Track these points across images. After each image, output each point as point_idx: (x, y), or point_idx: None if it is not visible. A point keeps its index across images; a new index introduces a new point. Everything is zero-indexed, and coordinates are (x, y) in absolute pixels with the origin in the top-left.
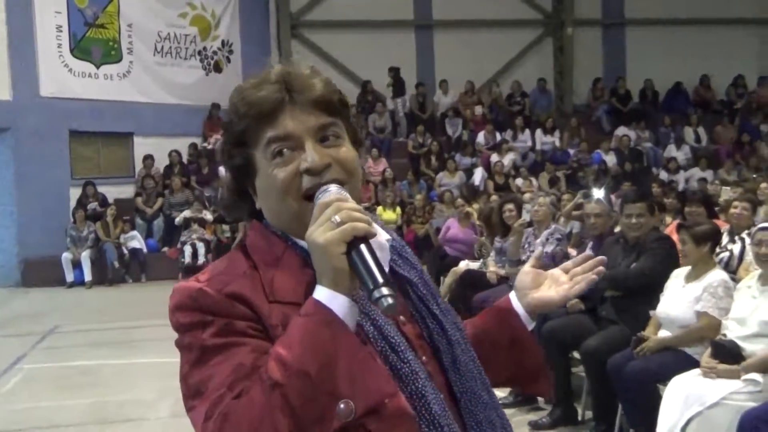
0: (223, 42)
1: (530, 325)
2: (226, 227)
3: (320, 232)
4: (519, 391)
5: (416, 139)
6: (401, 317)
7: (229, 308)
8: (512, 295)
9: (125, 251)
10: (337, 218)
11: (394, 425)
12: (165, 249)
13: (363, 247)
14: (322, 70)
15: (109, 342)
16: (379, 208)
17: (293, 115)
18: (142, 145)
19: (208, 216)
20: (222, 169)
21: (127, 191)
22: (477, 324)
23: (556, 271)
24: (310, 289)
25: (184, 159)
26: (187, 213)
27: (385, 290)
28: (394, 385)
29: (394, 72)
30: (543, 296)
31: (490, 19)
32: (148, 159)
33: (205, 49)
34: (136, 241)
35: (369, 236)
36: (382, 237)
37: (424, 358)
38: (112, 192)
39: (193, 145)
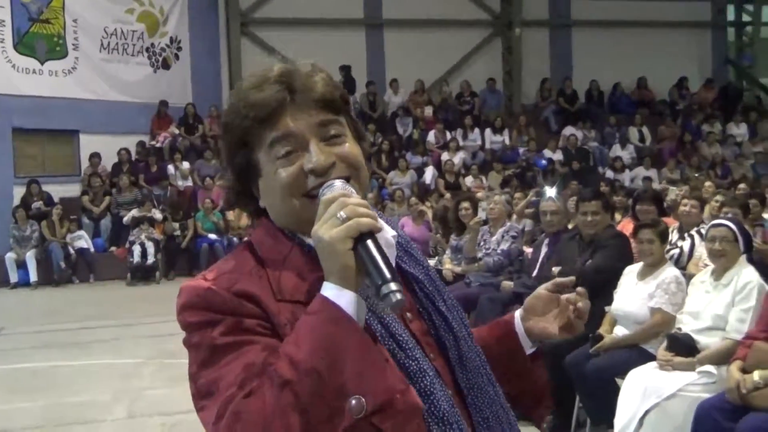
0: (171, 39)
1: (528, 348)
2: (176, 225)
3: (326, 229)
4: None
5: (367, 138)
6: (408, 314)
7: (237, 306)
8: (518, 314)
9: (72, 251)
10: (343, 214)
11: (406, 420)
12: (113, 249)
13: (369, 242)
14: (271, 68)
15: (59, 343)
16: None
17: (295, 115)
18: (88, 143)
19: (158, 215)
20: (171, 168)
21: (72, 190)
22: (480, 334)
23: (565, 298)
24: (317, 288)
25: (132, 157)
26: (135, 212)
27: (393, 285)
28: (405, 380)
29: (345, 71)
30: (544, 328)
31: (440, 18)
32: (95, 157)
33: (152, 45)
34: (83, 240)
35: (375, 231)
36: (388, 233)
37: (431, 355)
38: (58, 191)
39: (141, 143)
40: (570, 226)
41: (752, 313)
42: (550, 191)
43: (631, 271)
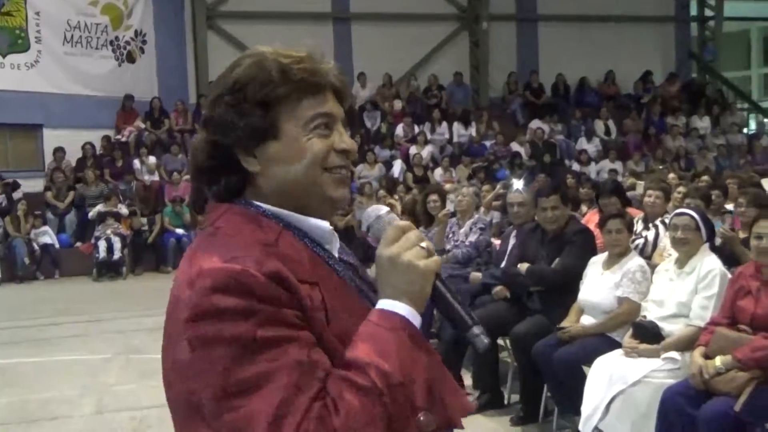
0: (136, 32)
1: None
2: (143, 220)
3: (414, 255)
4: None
5: None
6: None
7: (274, 293)
8: None
9: (36, 247)
10: (425, 245)
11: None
12: (78, 244)
13: (439, 282)
14: None
15: (25, 340)
16: None
17: (331, 98)
18: (52, 138)
19: (124, 210)
20: (137, 162)
21: (36, 185)
22: None
23: None
24: (318, 269)
25: (97, 151)
26: (101, 207)
27: (477, 329)
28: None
29: None
30: None
31: (408, 12)
32: (59, 152)
33: (117, 38)
34: (47, 236)
35: (438, 272)
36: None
37: None
38: (22, 186)
39: (107, 138)
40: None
41: (715, 300)
42: (518, 183)
43: (596, 262)
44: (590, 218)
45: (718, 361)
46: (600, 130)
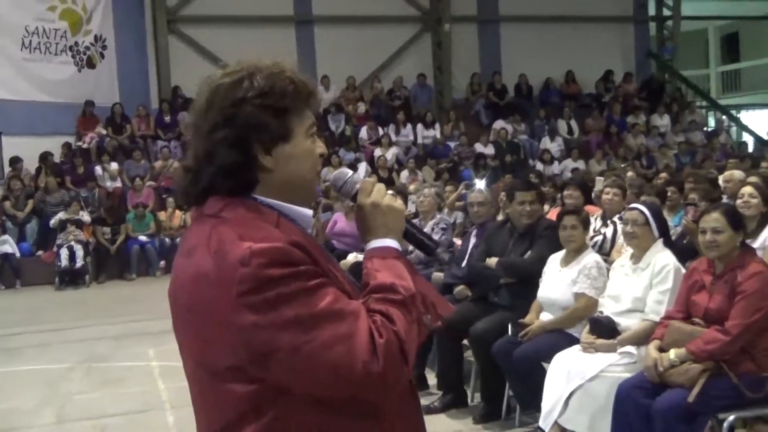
0: (96, 37)
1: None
2: (106, 229)
3: (390, 200)
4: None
5: None
6: None
7: (303, 257)
8: None
9: None
10: (391, 192)
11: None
12: (40, 253)
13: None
14: (200, 66)
15: None
16: None
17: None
18: (10, 145)
19: (86, 217)
20: (99, 169)
21: None
22: None
23: None
24: (310, 244)
25: (57, 158)
26: (62, 215)
27: (440, 250)
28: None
29: None
30: None
31: (370, 15)
32: (17, 161)
33: (76, 44)
34: (7, 245)
35: None
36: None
37: None
38: None
39: (67, 144)
40: (499, 218)
41: (669, 295)
42: (480, 183)
43: (554, 259)
44: (552, 215)
45: (672, 354)
46: (563, 129)
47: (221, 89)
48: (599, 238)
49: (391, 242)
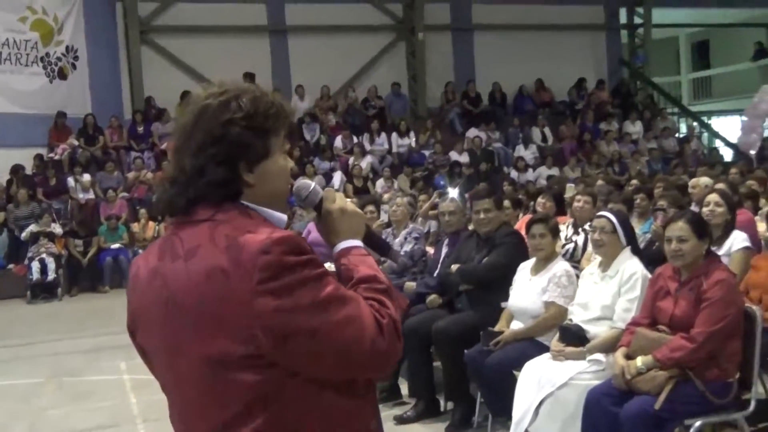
0: (67, 48)
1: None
2: (78, 241)
3: (354, 206)
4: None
5: None
6: None
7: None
8: None
9: None
10: (352, 199)
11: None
12: (11, 266)
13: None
14: (173, 76)
15: None
16: None
17: None
18: None
19: (58, 229)
20: (71, 180)
21: None
22: None
23: None
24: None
25: (29, 170)
26: (33, 227)
27: (394, 249)
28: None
29: (249, 78)
30: None
31: (344, 24)
32: None
33: (48, 55)
34: None
35: None
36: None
37: None
38: None
39: (39, 156)
40: (471, 227)
41: (637, 302)
42: (453, 192)
43: (524, 267)
44: (523, 224)
45: (639, 361)
46: (537, 137)
47: (209, 110)
48: (570, 246)
49: (358, 243)
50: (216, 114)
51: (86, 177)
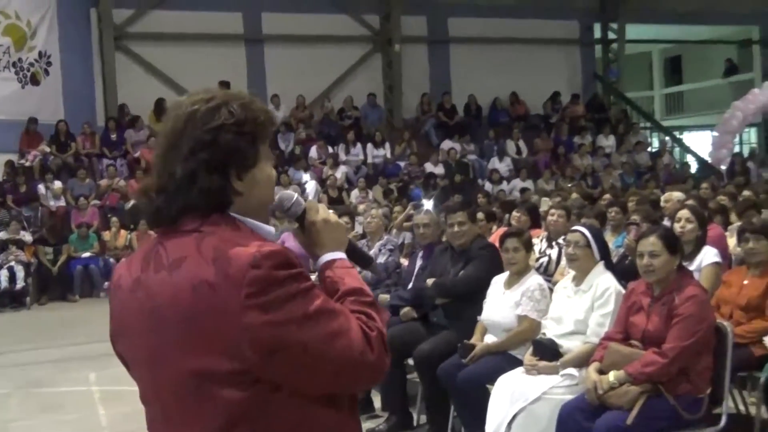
0: (40, 53)
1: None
2: (48, 249)
3: (336, 217)
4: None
5: None
6: None
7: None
8: None
9: None
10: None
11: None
12: None
13: None
14: (148, 84)
15: None
16: None
17: None
18: None
19: (27, 237)
20: (42, 187)
21: None
22: None
23: None
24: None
25: None
26: (2, 234)
27: (375, 262)
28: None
29: (224, 86)
30: None
31: (321, 34)
32: None
33: (20, 60)
34: None
35: None
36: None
37: None
38: None
39: (10, 163)
40: (444, 239)
41: (611, 317)
42: (427, 204)
43: (498, 281)
44: (497, 237)
45: (612, 376)
46: (511, 149)
47: (197, 114)
48: (544, 259)
49: (342, 255)
50: (205, 119)
51: (57, 184)
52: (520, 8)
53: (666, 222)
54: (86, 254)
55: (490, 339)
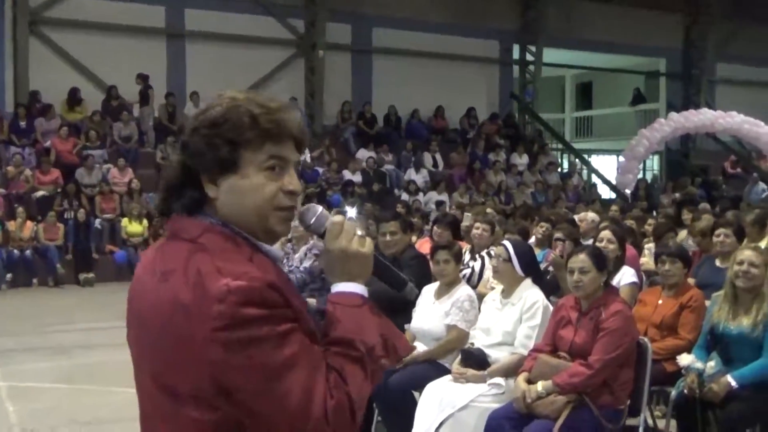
0: None
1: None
2: None
3: (359, 244)
4: None
5: (165, 150)
6: None
7: (277, 298)
8: None
9: None
10: (360, 232)
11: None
12: None
13: (377, 256)
14: (62, 72)
15: None
16: (125, 220)
17: (290, 145)
18: None
19: None
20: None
21: None
22: None
23: None
24: (282, 280)
25: None
26: None
27: (410, 284)
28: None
29: (143, 80)
30: None
31: (244, 35)
32: None
33: None
34: None
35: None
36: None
37: None
38: None
39: None
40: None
41: (538, 330)
42: (351, 211)
43: (428, 291)
44: (421, 246)
45: (540, 386)
46: (428, 162)
47: (190, 120)
48: (468, 271)
49: (357, 287)
50: (191, 122)
51: None
52: (444, 25)
53: (582, 240)
54: None
55: (418, 346)
